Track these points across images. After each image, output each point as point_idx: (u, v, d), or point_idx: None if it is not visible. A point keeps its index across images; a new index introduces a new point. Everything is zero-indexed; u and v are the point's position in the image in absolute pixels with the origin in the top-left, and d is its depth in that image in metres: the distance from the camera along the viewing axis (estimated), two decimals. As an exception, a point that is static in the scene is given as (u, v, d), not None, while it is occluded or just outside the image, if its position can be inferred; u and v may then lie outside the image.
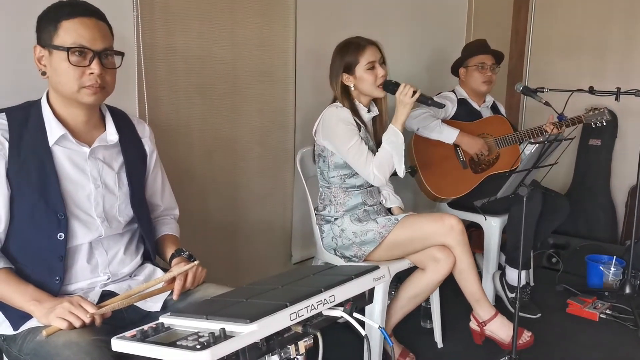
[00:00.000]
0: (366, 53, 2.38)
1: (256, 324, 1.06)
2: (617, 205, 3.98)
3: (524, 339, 2.45)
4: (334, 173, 2.45)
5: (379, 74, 2.39)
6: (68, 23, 1.45)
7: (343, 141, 2.35)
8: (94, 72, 1.47)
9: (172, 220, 1.90)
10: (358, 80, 2.40)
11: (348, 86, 2.42)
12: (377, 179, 2.36)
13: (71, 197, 1.53)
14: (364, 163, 2.34)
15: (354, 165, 2.38)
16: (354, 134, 2.35)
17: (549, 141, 2.28)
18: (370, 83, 2.39)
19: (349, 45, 2.42)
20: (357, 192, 2.46)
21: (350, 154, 2.35)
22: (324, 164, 2.47)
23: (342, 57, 2.42)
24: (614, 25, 3.97)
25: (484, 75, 3.08)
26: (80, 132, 1.57)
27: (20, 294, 1.43)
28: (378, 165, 2.34)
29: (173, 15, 2.26)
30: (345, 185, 2.45)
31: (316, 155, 2.52)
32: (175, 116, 2.35)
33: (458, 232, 2.33)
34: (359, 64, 2.38)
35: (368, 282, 1.33)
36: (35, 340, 1.38)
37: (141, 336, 1.10)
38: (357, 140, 2.34)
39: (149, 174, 1.78)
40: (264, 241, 2.85)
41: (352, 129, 2.35)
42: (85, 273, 1.57)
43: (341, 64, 2.41)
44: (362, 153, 2.34)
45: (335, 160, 2.43)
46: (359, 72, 2.39)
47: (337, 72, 2.43)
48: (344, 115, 2.37)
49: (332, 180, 2.46)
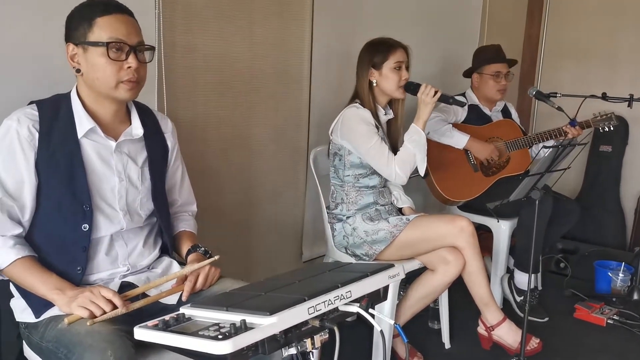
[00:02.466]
0: (397, 53, 2.42)
1: (276, 316, 1.08)
2: (626, 211, 3.99)
3: (532, 346, 2.46)
4: (349, 172, 2.47)
5: (403, 76, 2.42)
6: (103, 20, 1.48)
7: (364, 140, 2.37)
8: (132, 66, 1.50)
9: (189, 217, 1.92)
10: (383, 77, 2.42)
11: (372, 83, 2.45)
12: (399, 177, 2.38)
13: (97, 189, 1.57)
14: (386, 162, 2.37)
15: (375, 164, 2.40)
16: (374, 134, 2.37)
17: (563, 145, 2.29)
18: (394, 82, 2.41)
19: (381, 43, 2.45)
20: (370, 192, 2.48)
21: (371, 153, 2.37)
22: (339, 163, 2.49)
23: (371, 53, 2.44)
24: (626, 33, 3.98)
25: (499, 84, 3.10)
26: (108, 126, 1.60)
27: (43, 283, 1.45)
28: (400, 164, 2.37)
29: (193, 14, 2.30)
30: (359, 185, 2.48)
31: (331, 153, 2.55)
32: (193, 113, 2.38)
33: (469, 234, 2.35)
34: (387, 61, 2.41)
35: (383, 279, 1.35)
36: (57, 328, 1.42)
37: (163, 325, 1.13)
38: (378, 140, 2.37)
39: (169, 168, 1.81)
40: (275, 238, 2.88)
41: (372, 129, 2.38)
42: (105, 264, 1.60)
43: (370, 60, 2.43)
44: (384, 152, 2.37)
45: (352, 160, 2.45)
46: (385, 70, 2.41)
47: (366, 66, 2.44)
48: (365, 115, 2.39)
49: (346, 179, 2.48)
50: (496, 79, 3.09)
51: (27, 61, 1.81)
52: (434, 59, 3.59)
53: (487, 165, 3.04)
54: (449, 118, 3.03)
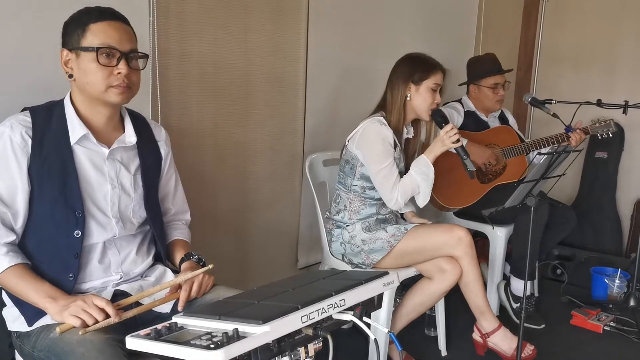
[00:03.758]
0: (438, 74, 2.38)
1: (268, 325, 1.08)
2: (622, 218, 3.98)
3: (527, 352, 2.45)
4: (358, 182, 2.45)
5: (437, 99, 2.39)
6: (96, 26, 1.49)
7: (378, 160, 2.34)
8: (122, 72, 1.50)
9: (183, 226, 1.91)
10: (419, 95, 2.38)
11: (406, 97, 2.40)
12: (397, 204, 2.38)
13: (89, 195, 1.56)
14: (391, 187, 2.35)
15: (379, 186, 2.38)
16: (389, 155, 2.35)
17: (558, 152, 2.29)
18: (427, 103, 2.38)
19: (425, 60, 2.41)
20: (373, 204, 2.47)
21: (380, 175, 2.35)
22: (350, 171, 2.47)
23: (413, 67, 2.39)
24: (623, 39, 3.99)
25: (498, 95, 3.10)
26: (101, 133, 1.60)
27: (35, 291, 1.44)
28: (402, 192, 2.36)
29: (188, 21, 2.30)
30: (365, 196, 2.46)
31: (343, 159, 2.51)
32: (188, 120, 2.38)
33: (466, 244, 2.35)
34: (428, 79, 2.37)
35: (378, 287, 1.35)
36: (49, 337, 1.41)
37: (155, 335, 1.12)
38: (391, 162, 2.35)
39: (162, 177, 1.81)
40: (271, 245, 2.87)
41: (388, 150, 2.35)
42: (98, 272, 1.59)
43: (411, 73, 2.38)
44: (392, 177, 2.35)
45: (363, 172, 2.42)
46: (423, 87, 2.37)
47: (405, 79, 2.38)
48: (387, 134, 2.35)
49: (354, 188, 2.46)
50: (494, 91, 3.10)
51: (21, 68, 1.81)
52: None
53: (483, 172, 3.04)
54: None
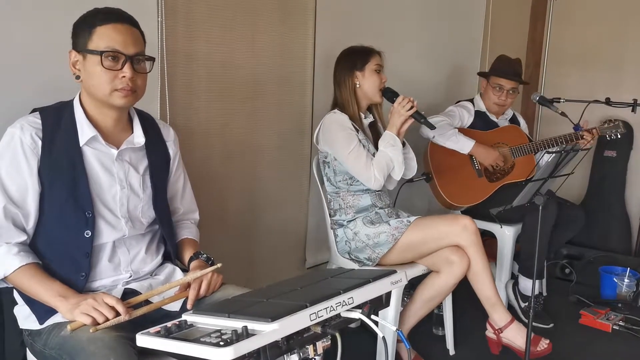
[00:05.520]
0: (375, 56, 2.49)
1: (277, 323, 1.09)
2: (631, 216, 3.97)
3: (542, 346, 2.40)
4: (340, 177, 2.48)
5: (383, 79, 2.48)
6: (102, 29, 1.50)
7: (343, 146, 2.38)
8: (126, 76, 1.51)
9: (192, 225, 1.92)
10: (366, 79, 2.47)
11: (356, 85, 2.48)
12: (377, 181, 2.38)
13: (99, 196, 1.58)
14: (364, 166, 2.37)
15: (353, 169, 2.41)
16: (353, 138, 2.39)
17: (566, 151, 2.29)
18: (376, 85, 2.47)
19: (359, 48, 2.51)
20: (366, 195, 2.49)
21: (351, 158, 2.38)
22: (329, 170, 2.51)
23: (352, 58, 2.49)
24: (631, 38, 3.97)
25: (498, 98, 3.09)
26: (109, 134, 1.61)
27: (46, 290, 1.46)
28: (378, 168, 2.37)
29: (196, 21, 2.31)
30: (353, 189, 2.48)
31: (321, 162, 2.56)
32: (196, 120, 2.39)
33: (471, 232, 2.34)
34: (369, 63, 2.46)
35: (386, 285, 1.35)
36: (60, 335, 1.42)
37: (165, 332, 1.13)
38: (357, 144, 2.38)
39: (171, 177, 1.82)
40: (279, 245, 2.88)
41: (350, 134, 2.40)
42: (108, 271, 1.61)
43: (353, 63, 2.47)
44: (362, 156, 2.38)
45: (339, 165, 2.46)
46: (367, 71, 2.46)
47: (349, 70, 2.48)
48: (343, 119, 2.42)
49: (340, 185, 2.50)
50: (496, 92, 3.09)
51: (31, 69, 1.82)
52: (437, 64, 3.59)
53: (491, 171, 3.03)
54: (455, 122, 3.03)
